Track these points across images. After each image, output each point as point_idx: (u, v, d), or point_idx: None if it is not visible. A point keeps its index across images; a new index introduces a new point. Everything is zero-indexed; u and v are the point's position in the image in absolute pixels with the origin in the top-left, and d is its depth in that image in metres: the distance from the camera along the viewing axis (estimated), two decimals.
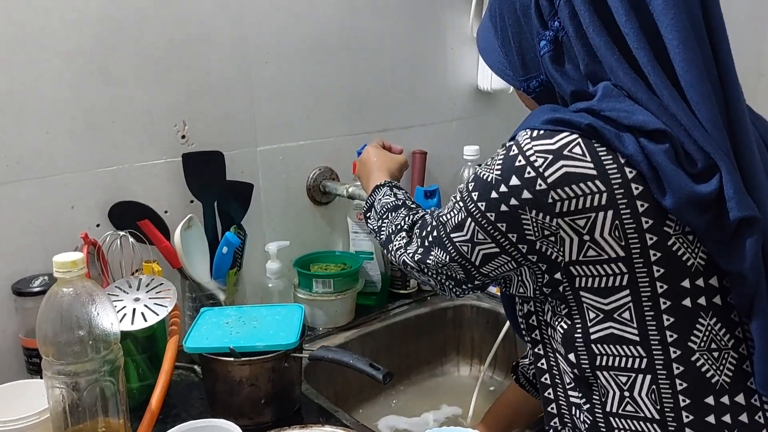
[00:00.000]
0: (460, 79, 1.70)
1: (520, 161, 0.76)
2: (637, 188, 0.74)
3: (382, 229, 1.03)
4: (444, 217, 0.86)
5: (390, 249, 0.98)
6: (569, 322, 0.82)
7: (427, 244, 0.89)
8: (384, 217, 1.04)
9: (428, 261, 0.88)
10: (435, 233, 0.88)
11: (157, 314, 1.08)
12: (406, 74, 1.60)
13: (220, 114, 1.33)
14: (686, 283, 0.76)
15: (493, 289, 1.54)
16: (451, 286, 0.90)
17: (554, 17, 0.81)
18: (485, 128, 1.75)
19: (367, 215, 1.10)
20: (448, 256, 0.85)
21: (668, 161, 0.72)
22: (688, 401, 0.77)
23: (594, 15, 0.76)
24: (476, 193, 0.81)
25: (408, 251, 0.92)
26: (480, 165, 0.84)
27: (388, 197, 1.07)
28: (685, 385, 0.77)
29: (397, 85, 1.59)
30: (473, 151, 1.60)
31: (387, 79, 1.57)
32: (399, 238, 0.96)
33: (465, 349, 1.59)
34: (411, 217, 0.98)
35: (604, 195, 0.74)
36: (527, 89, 0.88)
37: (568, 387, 0.86)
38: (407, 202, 1.05)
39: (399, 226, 0.98)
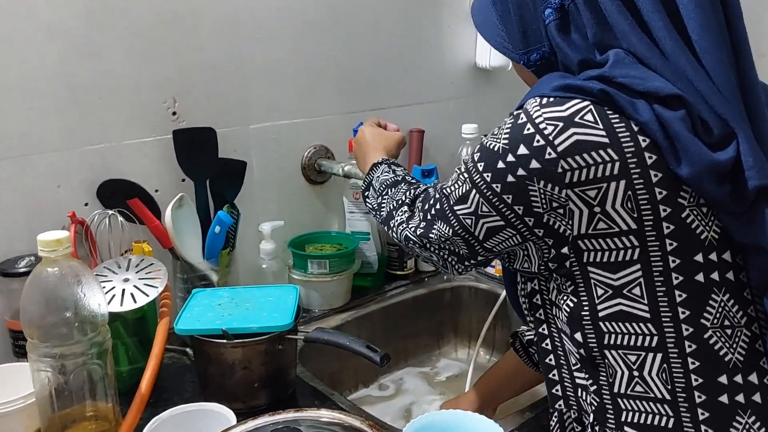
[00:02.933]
0: (458, 56, 1.66)
1: (528, 129, 0.73)
2: (650, 157, 0.71)
3: (383, 206, 1.00)
4: (447, 189, 0.83)
5: (391, 225, 0.95)
6: (575, 300, 0.79)
7: (429, 217, 0.86)
8: (384, 193, 1.01)
9: (431, 235, 0.85)
10: (438, 206, 0.85)
11: (147, 295, 1.04)
12: (403, 51, 1.57)
13: (211, 90, 1.29)
14: (699, 258, 0.74)
15: (491, 270, 1.52)
16: (453, 262, 0.87)
17: None
18: (483, 106, 1.72)
19: (366, 194, 1.07)
20: (451, 230, 0.82)
21: (684, 129, 0.70)
22: (700, 380, 0.75)
23: None
24: (482, 164, 0.78)
25: (410, 226, 0.89)
26: (486, 135, 0.81)
27: (386, 174, 1.04)
28: (697, 363, 0.75)
29: (393, 63, 1.55)
30: (471, 130, 1.57)
31: (383, 56, 1.53)
32: (400, 213, 0.93)
33: (462, 331, 1.56)
34: (412, 191, 0.95)
35: (617, 164, 0.71)
36: (527, 62, 0.85)
37: (573, 368, 0.84)
38: (407, 177, 1.02)
39: (400, 201, 0.95)
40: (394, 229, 0.94)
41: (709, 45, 0.71)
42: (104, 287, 1.03)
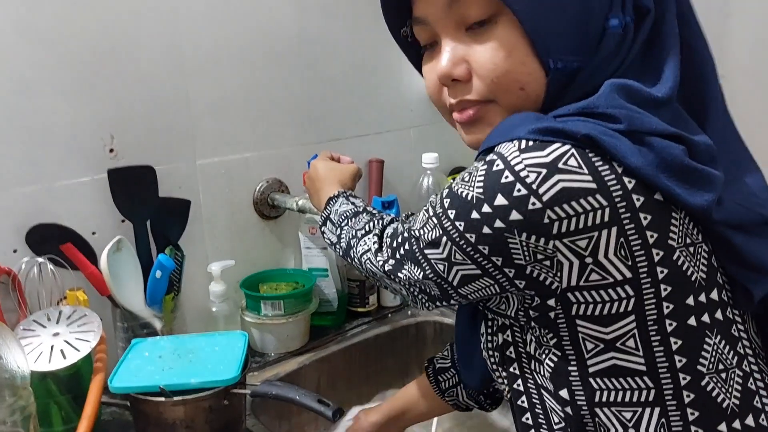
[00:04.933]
0: (417, 84, 1.61)
1: (507, 177, 0.65)
2: (638, 199, 0.65)
3: (342, 237, 0.92)
4: (416, 231, 0.75)
5: (353, 255, 0.87)
6: (559, 354, 0.72)
7: (398, 256, 0.78)
8: (343, 225, 0.93)
9: (400, 275, 0.78)
10: (407, 246, 0.76)
11: (79, 350, 0.96)
12: (360, 80, 1.51)
13: (153, 125, 1.22)
14: (690, 300, 0.68)
15: None
16: (424, 300, 0.79)
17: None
18: (444, 135, 1.66)
19: (323, 229, 0.99)
20: (422, 273, 0.74)
21: (687, 158, 0.66)
22: (700, 431, 0.69)
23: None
24: (453, 212, 0.70)
25: (378, 260, 0.82)
26: (454, 180, 0.73)
27: (344, 206, 0.97)
28: (696, 414, 0.69)
29: (350, 92, 1.50)
30: (432, 159, 1.51)
31: (339, 85, 1.48)
32: (364, 242, 0.85)
33: None
34: (379, 221, 0.88)
35: (606, 210, 0.64)
36: (555, 70, 0.70)
37: (555, 427, 0.76)
38: (368, 208, 0.94)
39: (365, 231, 0.87)
40: (357, 259, 0.86)
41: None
42: (31, 343, 0.95)
